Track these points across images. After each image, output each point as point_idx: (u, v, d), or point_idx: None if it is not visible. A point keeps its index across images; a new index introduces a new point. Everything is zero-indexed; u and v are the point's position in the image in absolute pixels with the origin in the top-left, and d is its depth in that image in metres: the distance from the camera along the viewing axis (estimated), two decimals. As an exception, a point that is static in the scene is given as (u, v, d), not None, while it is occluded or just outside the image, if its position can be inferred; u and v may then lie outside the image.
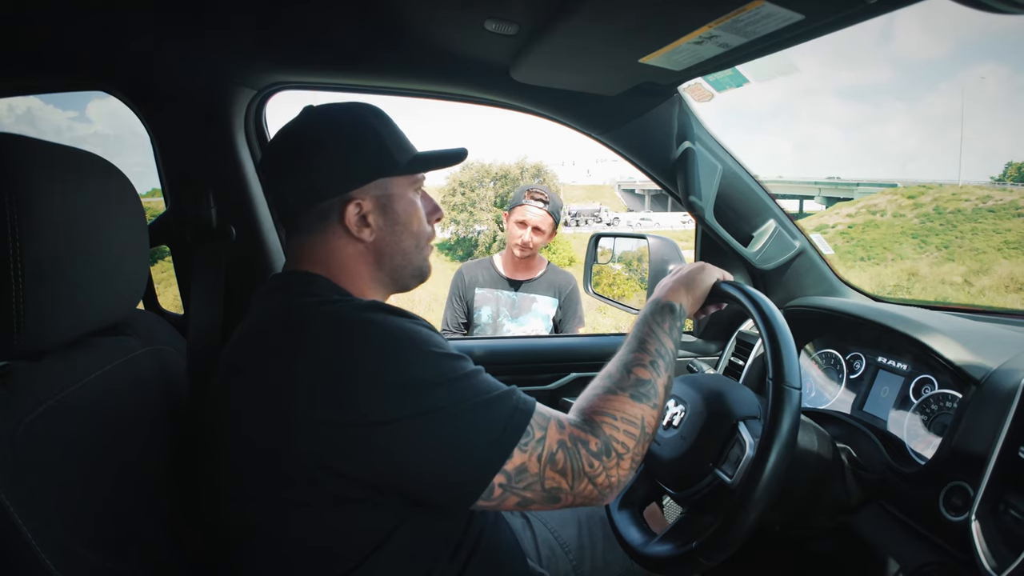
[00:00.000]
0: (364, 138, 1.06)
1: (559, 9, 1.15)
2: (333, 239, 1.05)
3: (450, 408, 0.85)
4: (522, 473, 0.87)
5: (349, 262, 1.06)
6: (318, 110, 1.08)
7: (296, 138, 1.06)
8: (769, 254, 1.79)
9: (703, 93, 1.58)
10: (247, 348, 0.95)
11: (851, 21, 1.06)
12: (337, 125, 1.06)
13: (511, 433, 0.87)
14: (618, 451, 0.93)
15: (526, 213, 2.74)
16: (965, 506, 1.02)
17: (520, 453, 0.87)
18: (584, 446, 0.91)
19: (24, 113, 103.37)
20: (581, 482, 0.90)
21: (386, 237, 1.08)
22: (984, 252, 29.69)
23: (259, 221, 1.74)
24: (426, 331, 0.92)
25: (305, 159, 1.03)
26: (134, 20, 1.34)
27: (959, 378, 1.18)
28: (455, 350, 0.92)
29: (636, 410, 0.97)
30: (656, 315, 1.11)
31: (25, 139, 0.88)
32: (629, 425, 0.95)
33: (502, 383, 0.93)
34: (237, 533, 0.95)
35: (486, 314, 2.87)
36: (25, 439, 0.81)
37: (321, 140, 1.04)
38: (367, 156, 1.05)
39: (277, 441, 0.84)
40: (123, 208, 1.07)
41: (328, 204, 1.03)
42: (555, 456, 0.89)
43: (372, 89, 1.74)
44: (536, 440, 0.88)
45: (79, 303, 0.95)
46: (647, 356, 1.04)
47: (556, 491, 0.89)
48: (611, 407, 0.96)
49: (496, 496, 0.87)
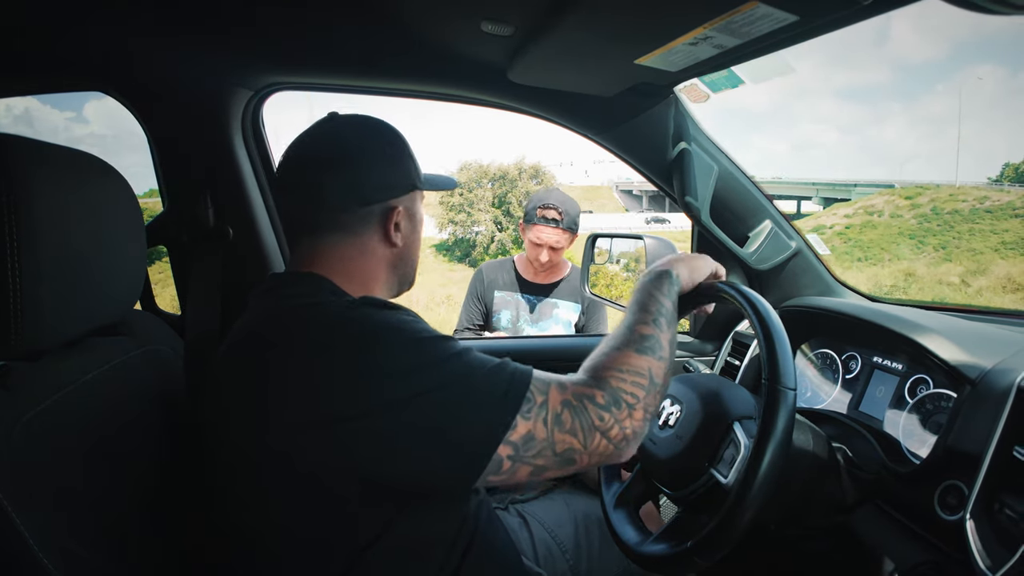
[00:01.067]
0: (404, 150, 1.14)
1: (555, 10, 1.16)
2: (369, 242, 1.09)
3: (444, 387, 0.85)
4: (530, 441, 0.87)
5: (371, 265, 1.10)
6: (352, 119, 1.12)
7: (340, 142, 1.08)
8: (765, 254, 1.79)
9: (699, 94, 1.58)
10: (241, 348, 0.95)
11: (846, 22, 1.06)
12: (379, 135, 1.12)
13: (511, 402, 0.87)
14: (628, 402, 0.92)
15: (541, 236, 2.64)
16: (960, 505, 1.03)
17: (524, 421, 0.86)
18: (590, 400, 0.90)
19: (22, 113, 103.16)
20: (593, 438, 0.90)
21: (410, 245, 1.15)
22: (981, 253, 29.72)
23: (256, 221, 1.75)
24: (411, 319, 0.93)
25: (351, 163, 1.07)
26: (132, 21, 1.34)
27: (954, 378, 1.18)
28: (441, 333, 0.93)
29: (642, 362, 0.97)
30: (653, 281, 1.11)
31: (24, 140, 0.88)
32: (637, 376, 0.95)
33: (494, 357, 0.93)
34: (236, 532, 0.96)
35: (505, 318, 2.81)
36: (23, 439, 0.81)
37: (366, 147, 1.09)
38: (406, 167, 1.13)
39: (273, 440, 0.85)
40: (121, 209, 1.08)
41: (370, 209, 1.07)
42: (561, 417, 0.88)
43: (369, 90, 1.75)
44: (538, 405, 0.88)
45: (77, 303, 0.95)
46: (648, 315, 1.04)
47: (569, 452, 0.89)
48: (616, 362, 0.96)
49: (505, 469, 0.86)
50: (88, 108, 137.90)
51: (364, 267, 1.09)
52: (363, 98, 1.84)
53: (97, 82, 1.57)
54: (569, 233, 2.66)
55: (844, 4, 0.97)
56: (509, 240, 37.97)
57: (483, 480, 0.87)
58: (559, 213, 2.61)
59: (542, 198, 2.67)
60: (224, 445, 0.93)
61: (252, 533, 0.93)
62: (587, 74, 1.47)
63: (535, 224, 2.64)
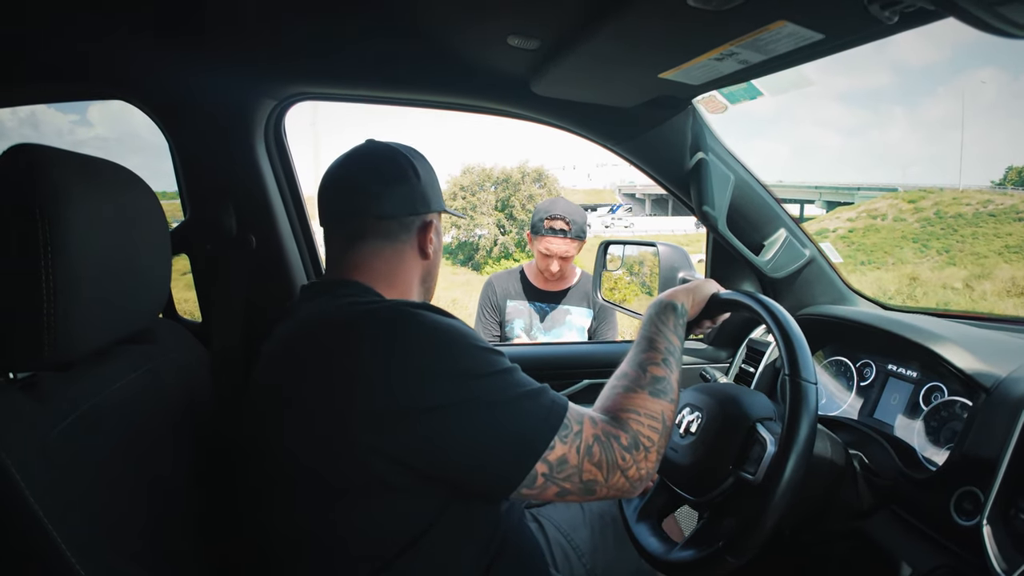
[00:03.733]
0: (434, 173, 1.25)
1: (582, 26, 1.18)
2: (406, 253, 1.18)
3: (494, 397, 0.90)
4: (563, 464, 0.92)
5: (408, 275, 1.18)
6: (391, 143, 1.23)
7: (393, 158, 1.18)
8: (780, 263, 1.81)
9: (717, 105, 1.61)
10: (296, 349, 0.98)
11: (869, 39, 1.08)
12: (417, 157, 1.22)
13: (552, 422, 0.92)
14: (645, 445, 0.98)
15: (550, 247, 2.66)
16: (976, 511, 1.04)
17: (561, 444, 0.92)
18: (616, 440, 0.96)
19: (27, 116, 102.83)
20: (615, 475, 0.95)
21: (436, 260, 1.23)
22: (985, 256, 29.64)
23: (279, 231, 1.76)
24: (466, 327, 0.98)
25: (406, 177, 1.17)
26: (156, 32, 1.36)
27: (969, 386, 1.20)
28: (493, 347, 0.97)
29: (657, 406, 1.03)
30: (660, 314, 1.18)
31: (54, 151, 0.89)
32: (652, 420, 1.01)
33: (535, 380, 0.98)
34: (277, 535, 0.98)
35: (519, 327, 2.82)
36: (57, 449, 0.82)
37: (414, 165, 1.19)
38: (436, 187, 1.25)
39: (332, 432, 0.88)
40: (148, 219, 1.09)
41: (412, 220, 1.18)
42: (592, 449, 0.94)
43: (392, 100, 1.77)
44: (575, 433, 0.93)
45: (106, 313, 0.96)
46: (658, 355, 1.10)
47: (592, 483, 0.94)
48: (633, 404, 1.02)
49: (538, 484, 0.91)
50: (92, 111, 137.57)
51: (402, 277, 1.16)
52: (382, 108, 1.85)
53: (121, 91, 1.59)
54: (578, 241, 2.68)
55: (869, 23, 1.00)
56: (512, 243, 37.92)
57: (517, 492, 0.92)
58: (567, 223, 2.64)
59: (548, 209, 2.69)
60: (276, 444, 0.95)
61: (296, 533, 0.95)
62: (610, 87, 1.49)
63: (543, 236, 2.66)
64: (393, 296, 1.12)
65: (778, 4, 0.98)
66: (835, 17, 1.01)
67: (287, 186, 1.80)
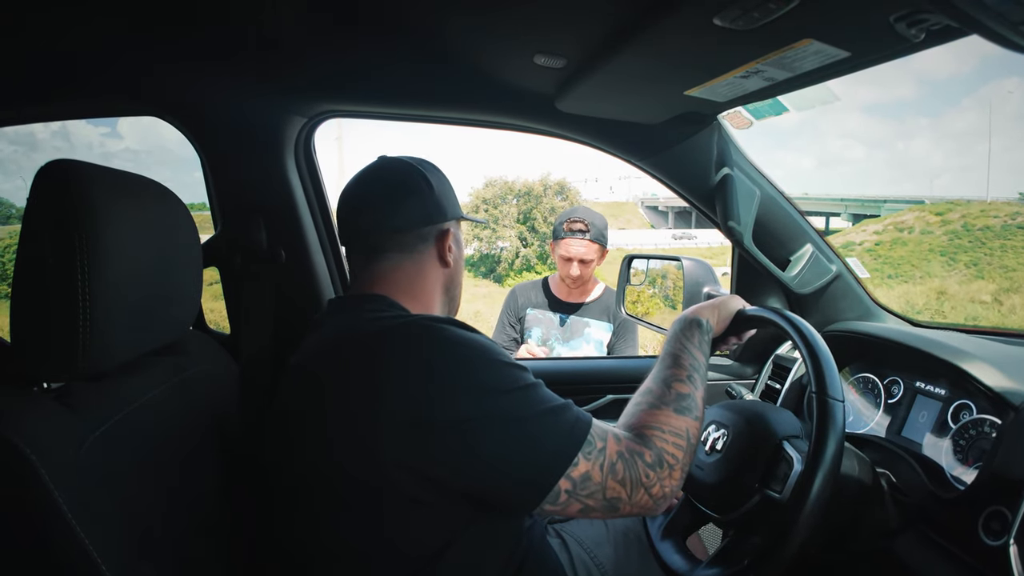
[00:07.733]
0: (448, 182, 1.27)
1: (608, 45, 1.19)
2: (426, 263, 1.20)
3: (518, 413, 0.91)
4: (586, 481, 0.91)
5: (429, 285, 1.19)
6: (403, 157, 1.25)
7: (405, 171, 1.20)
8: (807, 278, 1.80)
9: (742, 120, 1.61)
10: (322, 363, 1.00)
11: (894, 56, 1.08)
12: (429, 168, 1.24)
13: (576, 439, 0.92)
14: (669, 463, 0.97)
15: (569, 248, 2.67)
16: (1004, 530, 1.02)
17: (585, 461, 0.91)
18: (640, 458, 0.95)
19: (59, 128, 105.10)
20: (638, 492, 0.95)
21: (458, 266, 1.24)
22: (1014, 270, 29.08)
23: (308, 245, 1.79)
24: (490, 342, 0.98)
25: (418, 188, 1.19)
26: (189, 49, 1.40)
27: (998, 404, 1.18)
28: (517, 362, 0.97)
29: (681, 423, 1.02)
30: (685, 331, 1.18)
31: (91, 167, 0.92)
32: (677, 437, 1.00)
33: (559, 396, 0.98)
34: (300, 547, 0.99)
35: (536, 336, 2.81)
36: (90, 458, 0.84)
37: (426, 177, 1.20)
38: (451, 195, 1.26)
39: (357, 446, 0.89)
40: (181, 233, 1.12)
41: (428, 230, 1.19)
42: (615, 466, 0.93)
43: (419, 118, 1.80)
44: (598, 450, 0.93)
45: (140, 326, 0.98)
46: (683, 371, 1.10)
47: (616, 500, 0.94)
48: (658, 421, 1.01)
49: (561, 501, 0.91)
50: (122, 125, 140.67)
51: (424, 287, 1.18)
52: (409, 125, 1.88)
53: (154, 108, 1.63)
54: (597, 245, 2.68)
55: (895, 41, 0.99)
56: (534, 256, 37.92)
57: (540, 508, 0.92)
58: (585, 224, 2.66)
59: (568, 214, 2.74)
60: (290, 461, 0.97)
61: (316, 549, 0.96)
62: (635, 104, 1.51)
63: (563, 238, 2.69)
64: (417, 308, 1.14)
65: (804, 23, 0.98)
66: (861, 35, 1.02)
67: (316, 201, 1.83)
